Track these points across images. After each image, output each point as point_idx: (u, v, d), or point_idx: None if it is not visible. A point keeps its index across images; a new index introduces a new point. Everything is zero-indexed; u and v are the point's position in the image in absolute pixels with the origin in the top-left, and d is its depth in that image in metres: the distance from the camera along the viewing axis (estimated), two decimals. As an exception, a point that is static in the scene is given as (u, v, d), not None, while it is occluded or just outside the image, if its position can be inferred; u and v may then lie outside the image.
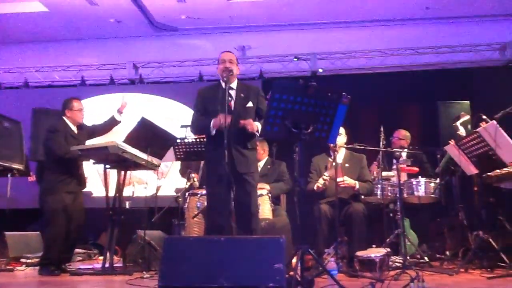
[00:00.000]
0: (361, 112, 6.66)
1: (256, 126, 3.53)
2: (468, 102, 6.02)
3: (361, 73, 7.06)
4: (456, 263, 4.34)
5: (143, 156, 4.16)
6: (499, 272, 3.84)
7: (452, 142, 4.42)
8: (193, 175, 4.65)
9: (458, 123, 4.59)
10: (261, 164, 4.89)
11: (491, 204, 4.66)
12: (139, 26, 7.37)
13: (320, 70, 6.74)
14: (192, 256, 2.50)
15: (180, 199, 4.65)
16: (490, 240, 4.07)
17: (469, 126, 4.82)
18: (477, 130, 4.03)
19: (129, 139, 4.14)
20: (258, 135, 3.56)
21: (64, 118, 4.47)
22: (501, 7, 6.81)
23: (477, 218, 4.56)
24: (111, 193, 4.39)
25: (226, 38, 7.29)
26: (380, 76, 7.02)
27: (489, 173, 4.26)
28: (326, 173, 4.54)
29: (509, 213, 4.55)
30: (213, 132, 3.51)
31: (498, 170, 4.15)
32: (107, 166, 4.35)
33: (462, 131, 4.53)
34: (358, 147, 4.62)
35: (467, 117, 4.64)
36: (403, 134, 5.40)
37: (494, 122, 3.84)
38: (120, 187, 4.37)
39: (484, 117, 4.05)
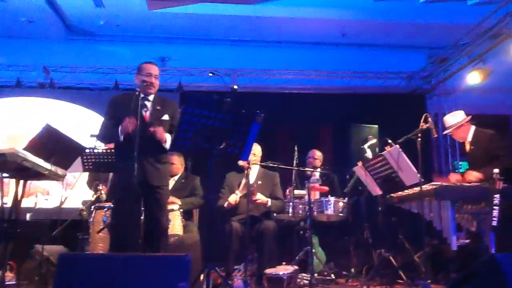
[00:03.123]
0: (277, 130, 6.78)
1: (165, 136, 3.42)
2: (376, 126, 6.35)
3: (280, 92, 7.20)
4: (360, 280, 4.50)
5: (46, 165, 3.87)
6: (397, 288, 4.04)
7: (360, 163, 4.63)
8: (100, 187, 4.43)
9: (365, 145, 4.82)
10: (176, 178, 4.80)
11: (393, 223, 4.92)
12: (53, 28, 6.97)
13: (235, 87, 6.78)
14: (89, 275, 2.35)
15: (84, 212, 4.40)
16: (391, 258, 4.29)
17: (377, 149, 5.08)
18: (382, 153, 4.26)
19: (31, 147, 3.83)
20: (165, 146, 3.46)
21: None
22: (409, 40, 7.31)
23: (380, 236, 4.78)
24: (9, 203, 4.04)
25: (146, 47, 7.12)
26: (297, 96, 7.21)
27: (392, 194, 4.52)
28: (238, 192, 4.54)
29: (408, 232, 4.83)
30: (121, 138, 3.37)
31: (400, 192, 4.42)
32: (5, 174, 4.00)
33: (369, 154, 4.76)
34: (272, 165, 4.68)
35: (374, 141, 4.89)
36: (317, 154, 5.58)
37: (397, 146, 4.08)
38: (17, 197, 4.03)
39: (390, 141, 4.29)
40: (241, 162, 4.31)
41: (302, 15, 6.70)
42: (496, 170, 3.69)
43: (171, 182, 4.73)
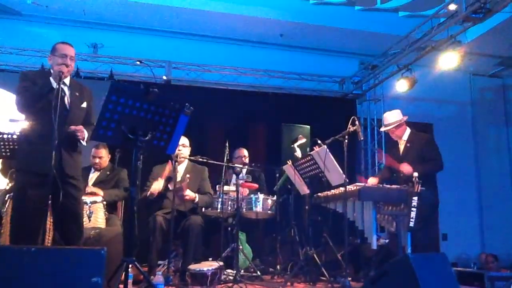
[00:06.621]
0: (210, 125, 6.73)
1: (85, 134, 3.28)
2: (308, 126, 6.48)
3: (215, 87, 7.15)
4: (285, 277, 4.56)
5: (-45, 150, 3.60)
6: (320, 286, 4.14)
7: (289, 162, 4.69)
8: (16, 175, 4.15)
9: (295, 145, 4.89)
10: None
11: (318, 222, 5.03)
12: (-26, 3, 6.48)
13: (164, 78, 6.68)
14: (-5, 268, 2.19)
15: (-3, 202, 4.11)
16: (315, 255, 4.38)
17: (307, 149, 5.16)
18: (310, 153, 4.34)
19: None
20: (84, 144, 3.32)
21: None
22: (343, 45, 7.53)
23: (306, 235, 4.87)
24: None
25: (77, 32, 6.78)
26: (232, 92, 7.19)
27: (318, 194, 4.62)
28: (161, 179, 4.44)
29: (332, 231, 4.97)
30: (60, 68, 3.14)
31: (326, 192, 4.53)
32: None
33: (298, 153, 4.83)
34: (201, 159, 4.62)
35: (303, 140, 4.96)
36: (245, 153, 5.61)
37: (325, 147, 4.17)
38: None
39: (319, 141, 4.37)
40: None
41: (241, 12, 6.69)
42: (415, 174, 3.87)
43: (96, 174, 4.55)
